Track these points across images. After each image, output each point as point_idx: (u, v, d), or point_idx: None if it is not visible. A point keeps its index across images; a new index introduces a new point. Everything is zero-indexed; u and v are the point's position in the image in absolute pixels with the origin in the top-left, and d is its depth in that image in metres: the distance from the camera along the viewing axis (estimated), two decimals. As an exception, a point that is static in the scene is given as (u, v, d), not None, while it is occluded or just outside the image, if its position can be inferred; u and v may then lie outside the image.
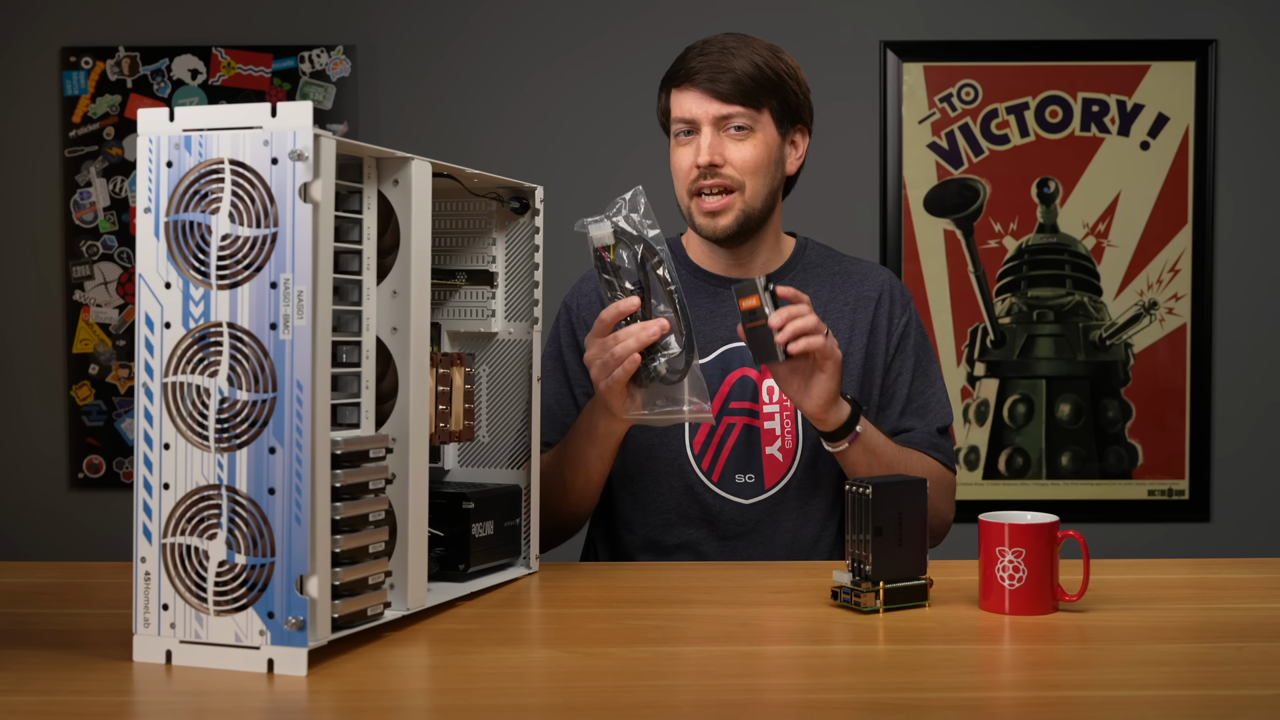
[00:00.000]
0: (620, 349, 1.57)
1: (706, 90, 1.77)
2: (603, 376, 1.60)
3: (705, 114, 1.78)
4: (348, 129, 3.33)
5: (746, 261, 1.88)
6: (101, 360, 3.37)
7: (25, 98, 3.38)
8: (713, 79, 1.77)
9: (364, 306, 1.32)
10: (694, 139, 1.80)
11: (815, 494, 1.84)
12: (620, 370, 1.58)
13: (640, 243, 1.57)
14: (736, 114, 1.78)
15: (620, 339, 1.57)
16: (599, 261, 1.58)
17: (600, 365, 1.60)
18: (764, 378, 1.84)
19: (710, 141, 1.78)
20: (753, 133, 1.79)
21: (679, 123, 1.81)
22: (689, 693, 1.17)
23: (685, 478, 1.84)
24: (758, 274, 1.89)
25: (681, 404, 1.59)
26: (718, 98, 1.77)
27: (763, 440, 1.83)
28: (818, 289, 1.88)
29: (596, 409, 1.72)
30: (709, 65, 1.77)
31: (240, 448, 1.20)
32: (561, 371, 1.91)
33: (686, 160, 1.80)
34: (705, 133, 1.78)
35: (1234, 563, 1.72)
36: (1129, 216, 3.31)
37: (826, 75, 3.31)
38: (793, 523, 1.83)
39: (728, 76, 1.76)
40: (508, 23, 3.36)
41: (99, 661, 1.24)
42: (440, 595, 1.45)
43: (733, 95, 1.77)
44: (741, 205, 1.80)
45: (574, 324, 1.92)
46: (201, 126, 1.22)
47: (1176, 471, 3.34)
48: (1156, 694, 1.15)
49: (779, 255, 1.91)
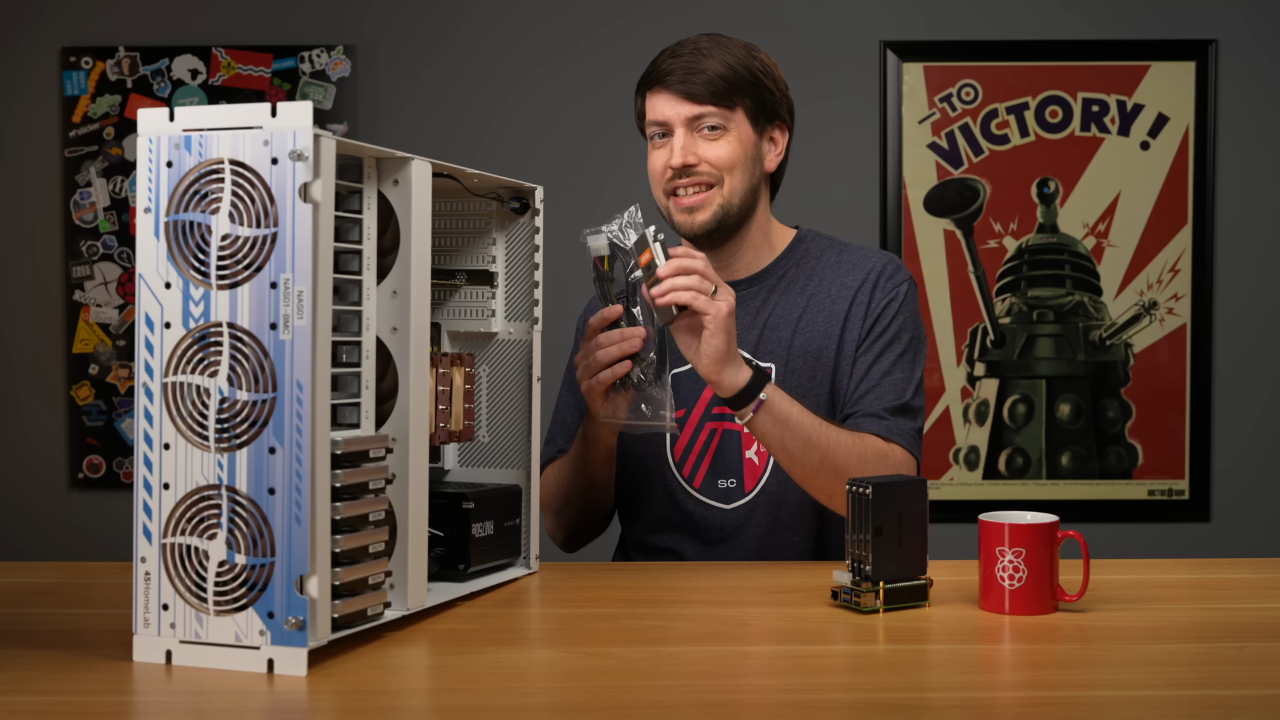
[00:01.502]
0: (602, 354, 1.65)
1: (678, 92, 1.78)
2: (585, 377, 1.68)
3: (677, 115, 1.78)
4: (348, 129, 3.33)
5: (730, 261, 1.88)
6: (101, 360, 3.37)
7: (25, 98, 3.38)
8: (684, 80, 1.77)
9: (364, 306, 1.32)
10: (668, 141, 1.81)
11: (788, 496, 1.82)
12: (607, 373, 1.65)
13: (631, 256, 1.63)
14: (709, 114, 1.78)
15: (602, 344, 1.65)
16: (594, 270, 1.66)
17: (584, 367, 1.67)
18: None
19: (684, 143, 1.78)
20: (726, 131, 1.79)
21: (653, 125, 1.82)
22: (689, 693, 1.17)
23: (666, 484, 1.86)
24: (743, 274, 1.88)
25: (650, 414, 1.66)
26: (689, 99, 1.77)
27: (742, 444, 1.83)
28: (808, 279, 1.86)
29: (586, 415, 1.78)
30: (680, 67, 1.78)
31: (240, 448, 1.20)
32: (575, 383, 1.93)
33: (660, 162, 1.82)
34: (678, 134, 1.79)
35: (1234, 563, 1.72)
36: (1129, 216, 3.31)
37: (827, 75, 3.31)
38: (763, 527, 1.82)
39: (699, 78, 1.77)
40: (507, 23, 3.36)
41: (99, 661, 1.24)
42: (440, 595, 1.45)
43: (704, 96, 1.77)
44: (720, 200, 1.80)
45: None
46: (201, 126, 1.22)
47: (1176, 471, 3.34)
48: (1156, 694, 1.15)
49: (768, 252, 1.90)
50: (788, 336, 1.84)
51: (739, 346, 1.85)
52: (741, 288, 1.87)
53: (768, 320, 1.85)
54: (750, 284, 1.88)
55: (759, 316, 1.86)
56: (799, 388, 1.82)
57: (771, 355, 1.84)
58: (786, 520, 1.83)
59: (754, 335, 1.85)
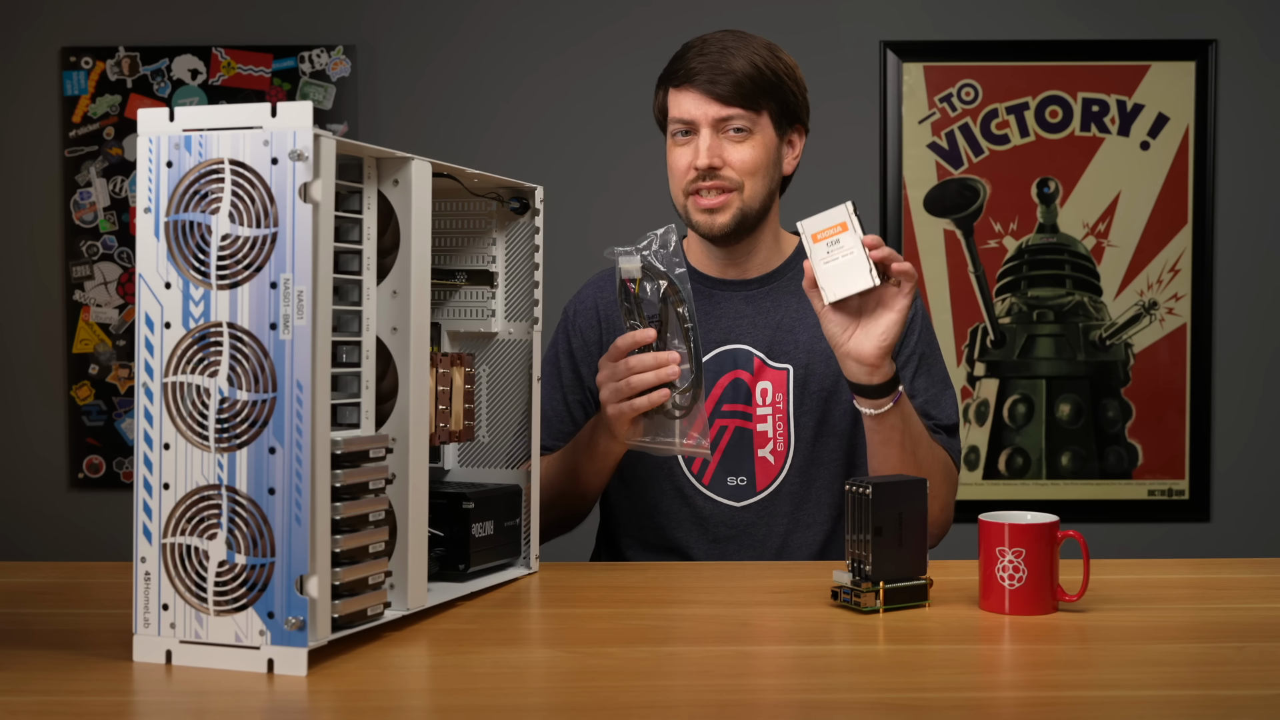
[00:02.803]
0: (637, 380, 1.60)
1: (706, 92, 1.76)
2: (613, 400, 1.62)
3: (704, 116, 1.77)
4: (348, 129, 3.33)
5: (743, 261, 1.88)
6: (101, 360, 3.37)
7: (25, 98, 3.38)
8: (712, 80, 1.76)
9: (364, 306, 1.32)
10: (692, 140, 1.79)
11: (808, 497, 1.83)
12: (644, 401, 1.60)
13: (665, 279, 1.60)
14: (736, 116, 1.77)
15: (634, 368, 1.60)
16: (623, 291, 1.61)
17: (612, 389, 1.62)
18: (757, 380, 1.83)
19: (710, 144, 1.77)
20: (752, 134, 1.78)
21: (677, 123, 1.80)
22: (689, 693, 1.17)
23: (675, 480, 1.84)
24: (755, 274, 1.88)
25: (682, 437, 1.63)
26: (717, 99, 1.76)
27: (755, 443, 1.83)
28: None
29: (599, 428, 1.73)
30: (708, 66, 1.76)
31: (240, 448, 1.20)
32: (556, 378, 1.92)
33: (684, 161, 1.79)
34: (704, 135, 1.77)
35: (1234, 563, 1.72)
36: (1129, 216, 3.31)
37: (826, 75, 3.31)
38: (784, 526, 1.83)
39: (728, 78, 1.75)
40: (507, 23, 3.36)
41: (99, 661, 1.24)
42: (440, 595, 1.45)
43: (732, 97, 1.76)
44: (740, 204, 1.79)
45: (570, 332, 1.93)
46: (201, 126, 1.22)
47: (1176, 471, 3.34)
48: (1156, 694, 1.15)
49: (778, 254, 1.91)
50: (807, 340, 1.84)
51: (749, 345, 1.85)
52: (753, 287, 1.88)
53: (780, 321, 1.86)
54: (762, 284, 1.88)
55: (771, 317, 1.86)
56: (821, 391, 1.83)
57: (787, 356, 1.84)
58: (807, 520, 1.83)
59: (767, 335, 1.85)
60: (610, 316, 1.90)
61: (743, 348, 1.85)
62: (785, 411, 1.82)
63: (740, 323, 1.86)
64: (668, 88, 1.82)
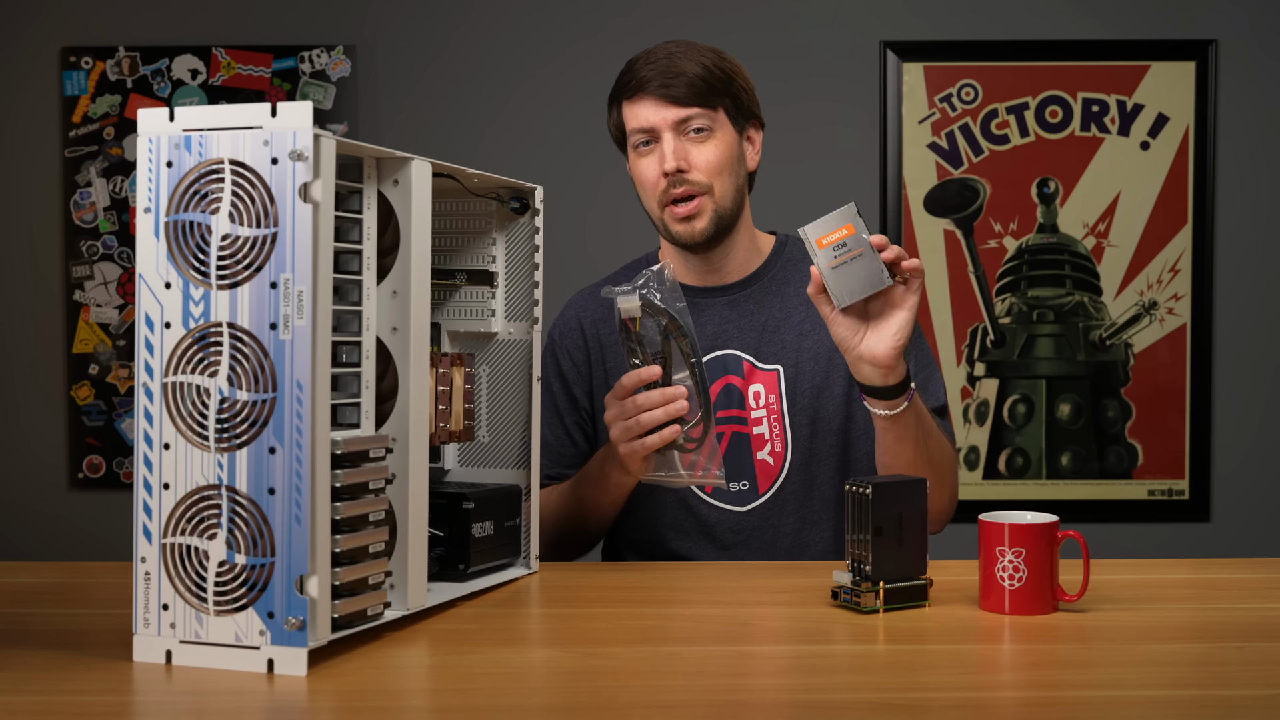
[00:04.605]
0: (646, 417, 1.60)
1: (661, 96, 1.77)
2: (623, 439, 1.62)
3: (663, 120, 1.77)
4: (348, 129, 3.33)
5: (722, 266, 1.88)
6: (101, 360, 3.37)
7: (25, 98, 3.38)
8: (665, 84, 1.76)
9: (364, 306, 1.32)
10: (655, 148, 1.79)
11: (812, 494, 1.84)
12: (655, 439, 1.60)
13: (665, 316, 1.60)
14: (695, 115, 1.77)
15: (642, 405, 1.60)
16: (624, 330, 1.61)
17: (622, 428, 1.62)
18: (748, 383, 1.83)
19: (674, 147, 1.77)
20: (712, 133, 1.78)
21: (637, 133, 1.80)
22: (689, 693, 1.16)
23: (678, 492, 1.84)
24: (734, 277, 1.88)
25: (696, 469, 1.63)
26: (674, 102, 1.76)
27: (752, 446, 1.83)
28: (802, 281, 1.86)
29: (609, 462, 1.73)
30: (659, 72, 1.76)
31: (240, 448, 1.20)
32: (551, 403, 1.92)
33: (653, 170, 1.79)
34: (666, 139, 1.77)
35: (1234, 563, 1.72)
36: (1129, 216, 3.31)
37: (826, 75, 3.31)
38: (792, 525, 1.83)
39: (680, 80, 1.76)
40: (507, 23, 3.36)
41: (99, 661, 1.24)
42: (440, 595, 1.45)
43: (688, 98, 1.76)
44: (713, 206, 1.79)
45: (557, 355, 1.93)
46: (201, 126, 1.22)
47: (1176, 471, 3.34)
48: (1156, 694, 1.15)
49: (757, 255, 1.90)
50: (793, 339, 1.84)
51: (737, 350, 1.85)
52: (735, 291, 1.88)
53: (765, 323, 1.85)
54: (743, 287, 1.88)
55: (756, 319, 1.86)
56: (813, 389, 1.83)
57: (776, 358, 1.84)
58: (814, 516, 1.84)
59: (754, 338, 1.85)
60: (596, 333, 1.91)
61: (731, 353, 1.85)
62: (779, 412, 1.82)
63: (726, 328, 1.86)
64: (620, 102, 1.82)
